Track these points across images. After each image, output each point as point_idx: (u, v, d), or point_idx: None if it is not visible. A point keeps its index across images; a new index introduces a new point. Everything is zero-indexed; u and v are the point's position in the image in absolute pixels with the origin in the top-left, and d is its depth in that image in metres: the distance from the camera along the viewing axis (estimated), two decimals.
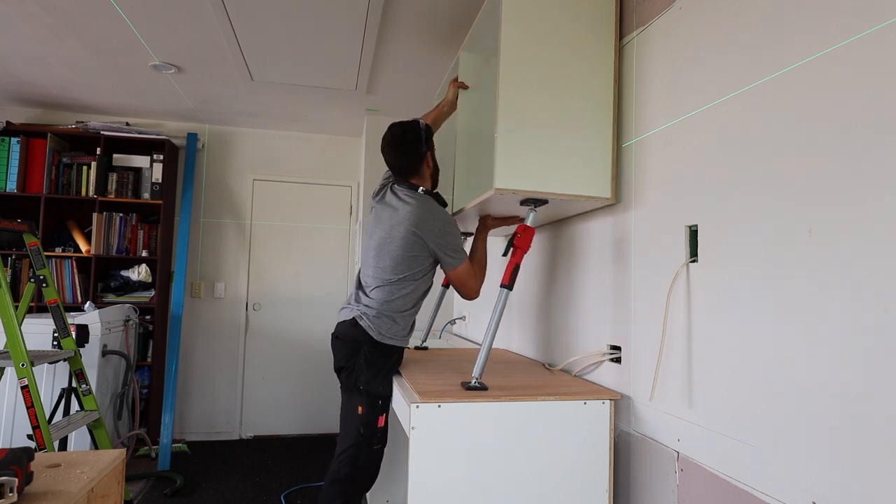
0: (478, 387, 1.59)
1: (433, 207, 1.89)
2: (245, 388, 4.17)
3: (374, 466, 1.88)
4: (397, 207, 1.91)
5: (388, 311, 1.88)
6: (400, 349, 1.95)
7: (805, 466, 1.05)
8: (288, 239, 4.31)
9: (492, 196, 1.65)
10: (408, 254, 1.86)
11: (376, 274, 1.92)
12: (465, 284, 1.91)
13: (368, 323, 1.88)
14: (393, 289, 1.89)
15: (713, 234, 1.33)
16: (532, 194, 1.63)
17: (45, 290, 2.51)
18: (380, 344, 1.87)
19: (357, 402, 1.86)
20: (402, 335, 1.92)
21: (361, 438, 1.84)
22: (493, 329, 1.65)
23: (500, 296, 1.67)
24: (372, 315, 1.88)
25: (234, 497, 3.00)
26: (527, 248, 1.72)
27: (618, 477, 1.64)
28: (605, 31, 1.71)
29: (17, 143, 3.56)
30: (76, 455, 1.20)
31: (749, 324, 1.20)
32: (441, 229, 1.84)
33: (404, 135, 1.97)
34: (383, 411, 1.87)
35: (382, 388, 1.87)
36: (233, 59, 2.89)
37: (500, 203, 1.78)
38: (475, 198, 1.84)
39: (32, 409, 2.20)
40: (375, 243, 1.95)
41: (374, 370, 1.86)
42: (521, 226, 1.72)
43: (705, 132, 1.37)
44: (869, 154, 0.96)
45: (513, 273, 1.67)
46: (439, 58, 2.84)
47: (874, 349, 0.94)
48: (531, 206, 1.72)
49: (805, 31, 1.10)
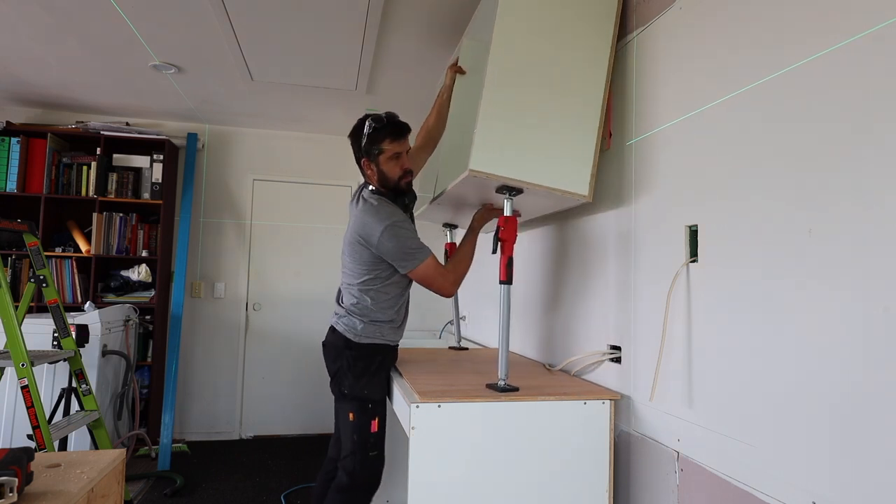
0: (509, 388, 1.58)
1: (378, 210, 1.80)
2: (245, 388, 4.17)
3: (373, 474, 1.85)
4: (351, 211, 1.91)
5: (359, 312, 1.87)
6: (385, 348, 1.90)
7: (805, 466, 1.05)
8: (288, 239, 4.31)
9: (466, 177, 1.57)
10: (358, 260, 1.84)
11: (343, 279, 1.94)
12: (431, 284, 1.82)
13: (344, 326, 1.88)
14: (360, 293, 1.87)
15: (713, 234, 1.33)
16: (507, 181, 1.58)
17: (45, 290, 2.51)
18: (359, 345, 1.85)
19: (347, 408, 1.83)
20: (383, 333, 1.88)
21: (356, 447, 1.81)
22: (505, 326, 1.64)
23: (501, 293, 1.66)
24: (345, 317, 1.88)
25: (234, 497, 3.00)
26: (513, 238, 1.67)
27: (618, 477, 1.64)
28: (605, 31, 1.70)
29: (17, 143, 3.56)
30: (76, 455, 1.20)
31: (749, 324, 1.20)
32: (383, 233, 1.75)
33: (352, 129, 1.91)
34: (375, 416, 1.82)
35: (368, 390, 1.83)
36: (233, 59, 2.89)
37: (476, 188, 1.71)
38: (452, 181, 1.78)
39: (32, 409, 2.20)
40: (342, 246, 1.95)
41: (358, 372, 1.84)
42: (501, 218, 1.68)
43: (705, 132, 1.37)
44: (869, 154, 0.96)
45: (507, 268, 1.65)
46: (439, 57, 2.84)
47: (874, 349, 0.94)
48: (507, 195, 1.66)
49: (805, 31, 1.10)
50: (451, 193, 1.85)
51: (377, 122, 1.85)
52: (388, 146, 1.85)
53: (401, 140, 1.87)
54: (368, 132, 1.84)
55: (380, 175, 1.88)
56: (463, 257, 1.90)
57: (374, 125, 1.84)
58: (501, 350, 1.63)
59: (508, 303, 1.66)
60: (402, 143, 1.87)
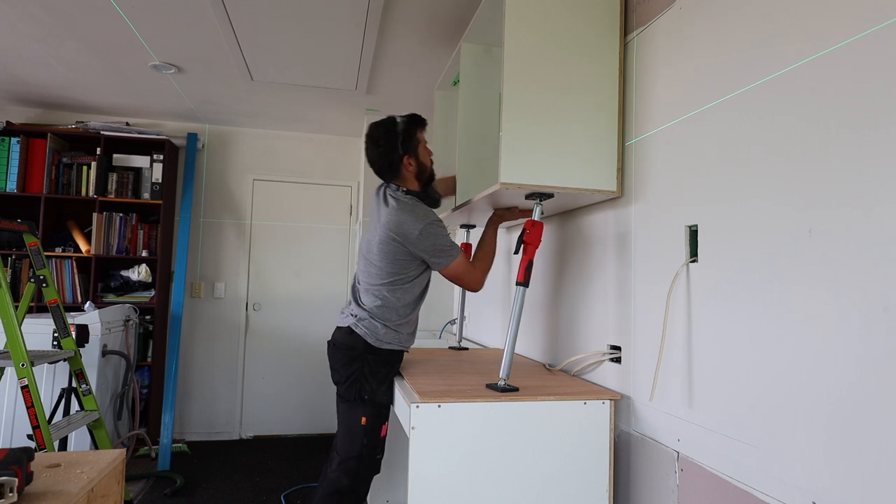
0: (509, 388, 1.59)
1: (414, 209, 1.83)
2: (245, 388, 4.17)
3: (371, 477, 1.88)
4: (380, 211, 1.90)
5: (382, 317, 1.85)
6: (401, 354, 1.94)
7: (805, 466, 1.05)
8: (288, 239, 4.31)
9: (497, 190, 1.65)
10: (390, 258, 1.83)
11: (366, 279, 1.91)
12: (461, 280, 1.90)
13: (364, 330, 1.85)
14: (384, 294, 1.86)
15: (713, 234, 1.33)
16: (537, 188, 1.64)
17: (45, 290, 2.51)
18: (380, 350, 1.85)
19: (360, 412, 1.83)
20: (401, 340, 1.89)
21: (365, 450, 1.81)
22: (515, 328, 1.65)
23: (516, 294, 1.67)
24: (367, 322, 1.86)
25: (234, 497, 3.00)
26: (537, 242, 1.70)
27: (618, 477, 1.64)
28: (609, 29, 1.71)
29: (17, 143, 3.55)
30: (76, 455, 1.20)
31: (749, 324, 1.20)
32: (422, 231, 1.78)
33: (376, 134, 1.91)
34: (385, 420, 1.86)
35: (387, 396, 1.86)
36: (233, 59, 2.89)
37: (506, 197, 1.78)
38: (480, 192, 1.85)
39: (32, 409, 2.20)
40: (365, 247, 1.93)
41: (381, 378, 1.84)
42: (528, 222, 1.71)
43: (705, 132, 1.37)
44: (870, 154, 0.96)
45: (527, 270, 1.66)
46: (439, 57, 2.84)
47: (874, 349, 0.94)
48: (537, 200, 1.73)
49: (804, 31, 1.10)
50: (477, 203, 1.92)
51: (404, 119, 1.94)
52: (420, 136, 1.95)
53: (424, 127, 1.99)
54: (403, 129, 1.91)
55: (418, 168, 1.94)
56: (487, 252, 1.98)
57: (408, 118, 1.93)
58: (507, 350, 1.63)
59: (521, 305, 1.67)
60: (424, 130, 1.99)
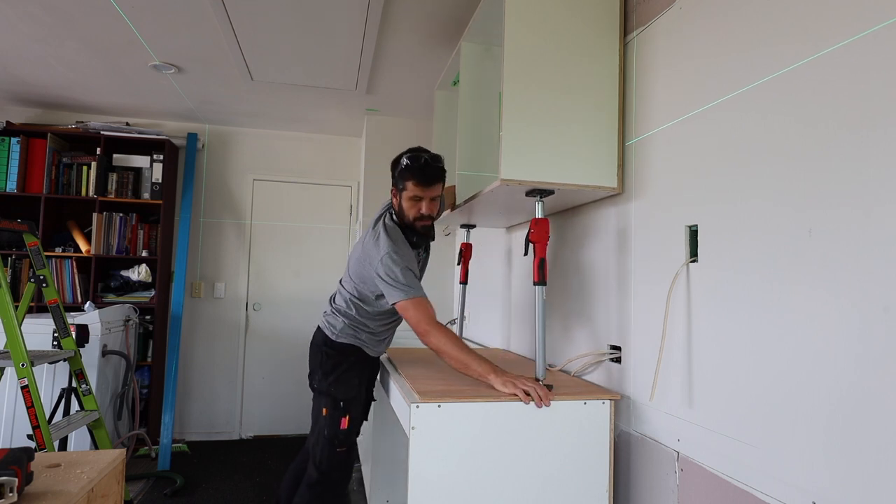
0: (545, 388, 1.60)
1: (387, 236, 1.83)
2: (245, 388, 4.17)
3: (343, 469, 1.92)
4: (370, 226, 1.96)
5: (345, 314, 1.97)
6: (360, 351, 1.99)
7: (805, 466, 1.05)
8: (288, 239, 4.31)
9: (498, 187, 1.65)
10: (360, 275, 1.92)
11: (342, 284, 2.04)
12: (410, 320, 1.74)
13: (325, 323, 2.00)
14: (352, 304, 1.97)
15: (713, 234, 1.33)
16: (538, 184, 1.64)
17: (45, 290, 2.51)
18: (334, 343, 1.94)
19: (321, 403, 1.94)
20: (359, 338, 1.97)
21: (325, 440, 1.90)
22: (542, 331, 1.66)
23: (536, 294, 1.67)
24: (330, 317, 2.00)
25: (234, 497, 3.00)
26: (545, 240, 1.68)
27: (618, 477, 1.64)
28: (609, 28, 1.71)
29: (17, 143, 3.55)
30: (76, 455, 1.20)
31: (749, 324, 1.20)
32: (382, 260, 1.78)
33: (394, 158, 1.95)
34: (346, 413, 1.90)
35: (335, 388, 1.91)
36: (233, 59, 2.89)
37: (506, 193, 1.77)
38: (480, 189, 1.85)
39: (32, 409, 2.20)
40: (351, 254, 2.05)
41: (328, 369, 1.93)
42: (532, 220, 1.70)
43: (705, 132, 1.37)
44: (870, 154, 0.96)
45: (540, 268, 1.67)
46: (439, 57, 2.84)
47: (874, 349, 0.94)
48: (537, 197, 1.72)
49: (804, 31, 1.10)
50: (477, 201, 1.92)
51: (412, 161, 1.83)
52: (410, 187, 1.84)
53: (424, 186, 1.84)
54: (400, 167, 1.86)
55: (399, 208, 1.92)
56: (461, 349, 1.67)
57: (408, 163, 1.84)
58: (539, 349, 1.66)
59: (543, 303, 1.66)
60: (425, 189, 1.85)
